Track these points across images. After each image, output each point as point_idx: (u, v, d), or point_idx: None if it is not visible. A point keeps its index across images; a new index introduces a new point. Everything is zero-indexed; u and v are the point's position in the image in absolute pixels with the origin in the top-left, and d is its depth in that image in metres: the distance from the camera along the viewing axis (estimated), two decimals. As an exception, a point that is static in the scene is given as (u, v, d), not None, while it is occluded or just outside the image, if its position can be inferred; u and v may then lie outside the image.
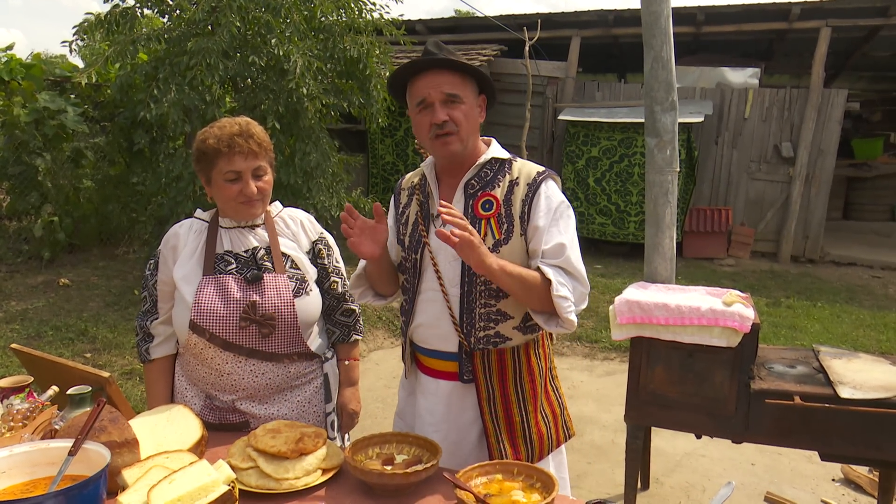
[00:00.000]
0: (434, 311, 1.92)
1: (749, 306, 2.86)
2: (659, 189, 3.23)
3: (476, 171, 1.90)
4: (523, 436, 1.94)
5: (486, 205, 1.86)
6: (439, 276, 1.90)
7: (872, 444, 2.67)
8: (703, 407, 2.91)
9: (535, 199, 1.84)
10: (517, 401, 1.95)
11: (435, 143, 1.84)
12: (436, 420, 1.97)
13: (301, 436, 1.75)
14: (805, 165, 9.46)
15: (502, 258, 1.78)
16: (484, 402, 1.92)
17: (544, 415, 2.00)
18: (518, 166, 1.92)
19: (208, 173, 2.04)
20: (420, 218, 1.96)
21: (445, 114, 1.79)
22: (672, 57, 3.20)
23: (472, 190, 1.89)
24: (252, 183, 2.02)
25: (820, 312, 7.08)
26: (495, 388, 1.92)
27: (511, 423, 1.94)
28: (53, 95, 6.27)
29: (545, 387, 2.03)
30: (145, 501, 1.41)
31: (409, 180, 2.09)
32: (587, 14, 10.23)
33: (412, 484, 1.64)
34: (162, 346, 2.17)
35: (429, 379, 2.01)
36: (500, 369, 1.92)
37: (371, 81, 6.40)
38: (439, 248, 1.90)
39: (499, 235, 1.83)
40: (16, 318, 5.25)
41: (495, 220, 1.84)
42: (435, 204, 1.92)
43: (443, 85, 1.80)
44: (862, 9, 9.17)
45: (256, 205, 2.06)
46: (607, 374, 5.33)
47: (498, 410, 1.92)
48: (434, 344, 1.96)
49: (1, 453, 1.53)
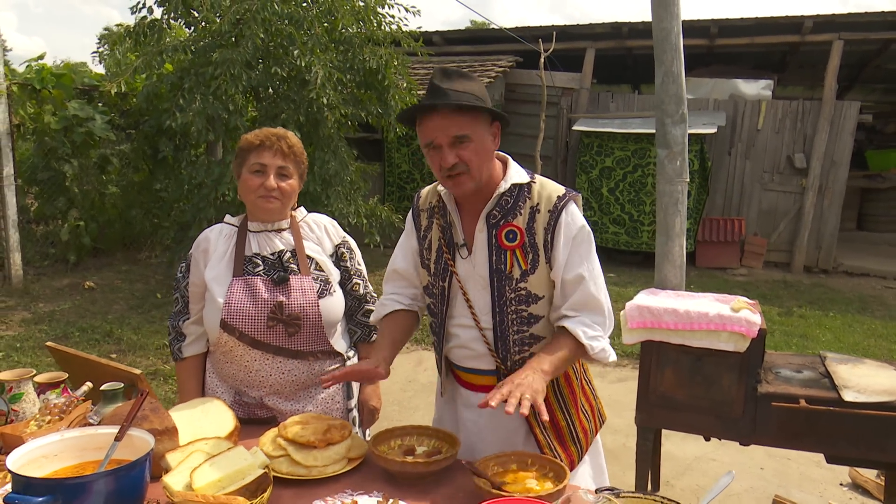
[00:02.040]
0: (467, 336, 1.96)
1: (756, 312, 2.94)
2: (669, 199, 3.33)
3: (496, 200, 1.89)
4: (571, 437, 2.01)
5: (509, 235, 1.87)
6: (470, 304, 1.93)
7: (877, 446, 2.74)
8: (712, 409, 2.99)
9: (556, 227, 1.85)
10: (560, 407, 2.00)
11: (447, 182, 1.85)
12: (480, 429, 2.00)
13: (328, 427, 1.87)
14: (818, 176, 9.50)
15: (530, 287, 1.85)
16: (531, 417, 1.88)
17: (584, 411, 2.07)
18: (538, 189, 1.90)
19: (240, 168, 2.17)
20: (444, 245, 1.96)
21: (454, 156, 1.77)
22: (682, 71, 3.31)
23: (493, 220, 1.89)
24: (274, 179, 2.12)
25: (832, 322, 7.12)
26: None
27: (559, 429, 1.99)
28: (82, 104, 6.47)
29: (581, 386, 2.09)
30: (188, 482, 1.53)
31: (427, 200, 2.07)
32: (602, 26, 10.35)
33: (433, 473, 1.75)
34: (193, 345, 2.28)
35: (469, 392, 2.03)
36: None
37: (389, 92, 6.54)
38: (468, 277, 1.92)
39: (525, 266, 1.86)
40: (44, 319, 5.42)
41: (521, 250, 1.86)
42: (458, 233, 1.94)
43: (449, 128, 1.76)
44: (874, 23, 9.23)
45: (274, 202, 2.14)
46: (619, 380, 5.42)
47: (546, 422, 1.96)
48: (470, 364, 2.00)
49: (53, 438, 1.66)
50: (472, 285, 1.92)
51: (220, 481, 1.53)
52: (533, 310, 1.90)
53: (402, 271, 2.11)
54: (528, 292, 1.88)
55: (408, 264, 2.10)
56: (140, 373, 2.43)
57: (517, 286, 1.87)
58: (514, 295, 1.88)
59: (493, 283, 1.89)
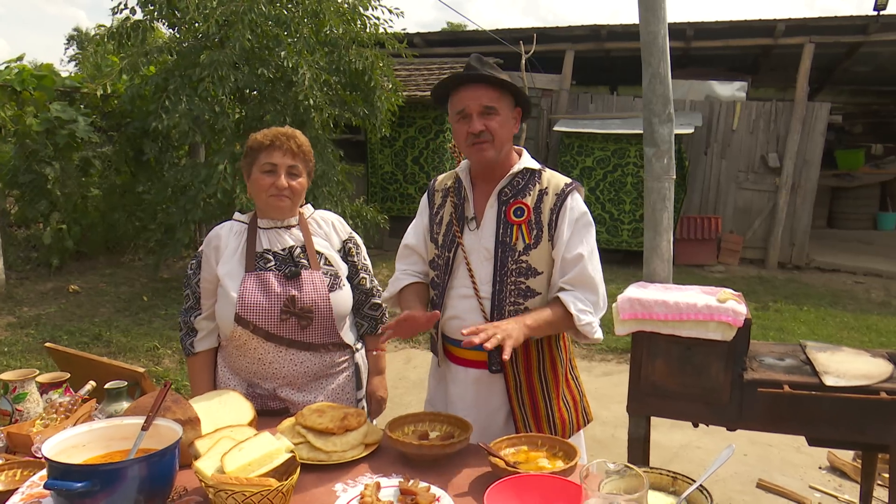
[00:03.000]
0: (465, 307, 2.09)
1: (741, 303, 3.07)
2: (657, 195, 3.45)
3: (509, 179, 2.07)
4: (547, 420, 2.13)
5: (517, 211, 2.04)
6: (472, 274, 2.07)
7: (855, 427, 2.89)
8: (701, 397, 3.11)
9: (562, 209, 2.03)
10: (541, 389, 2.13)
11: (471, 149, 2.02)
12: (466, 405, 2.13)
13: (345, 415, 1.94)
14: (791, 175, 9.75)
15: (531, 261, 2.00)
16: (512, 390, 2.09)
17: (566, 401, 2.19)
18: (547, 177, 2.10)
19: (250, 167, 2.24)
20: (454, 219, 2.13)
21: (482, 124, 1.97)
22: (668, 73, 3.43)
23: (504, 197, 2.07)
24: (284, 178, 2.20)
25: (806, 316, 7.34)
26: (522, 378, 2.10)
27: (536, 410, 2.12)
28: (65, 105, 6.44)
29: (566, 377, 2.21)
30: (219, 466, 1.59)
31: (443, 182, 2.25)
32: (581, 29, 10.53)
33: (447, 455, 1.83)
34: (205, 339, 2.34)
35: (458, 368, 2.16)
36: (526, 361, 2.10)
37: (376, 93, 6.61)
38: (472, 249, 2.08)
39: (529, 240, 2.02)
40: (30, 323, 5.40)
41: (526, 225, 2.03)
42: (470, 207, 2.11)
43: (481, 98, 1.97)
44: (843, 26, 9.53)
45: (285, 200, 2.22)
46: (605, 374, 5.55)
47: (524, 398, 2.10)
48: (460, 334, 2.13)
49: (82, 429, 1.71)
50: (476, 257, 2.07)
51: (250, 465, 1.59)
52: (531, 283, 2.04)
53: (413, 246, 2.27)
54: (528, 265, 2.02)
55: (418, 240, 2.26)
56: (144, 371, 2.48)
57: (519, 258, 2.02)
58: (516, 266, 2.02)
59: (496, 254, 2.04)
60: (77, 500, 1.47)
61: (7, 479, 1.82)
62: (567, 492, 1.53)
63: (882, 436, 2.90)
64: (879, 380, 2.88)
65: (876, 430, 2.88)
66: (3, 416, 2.34)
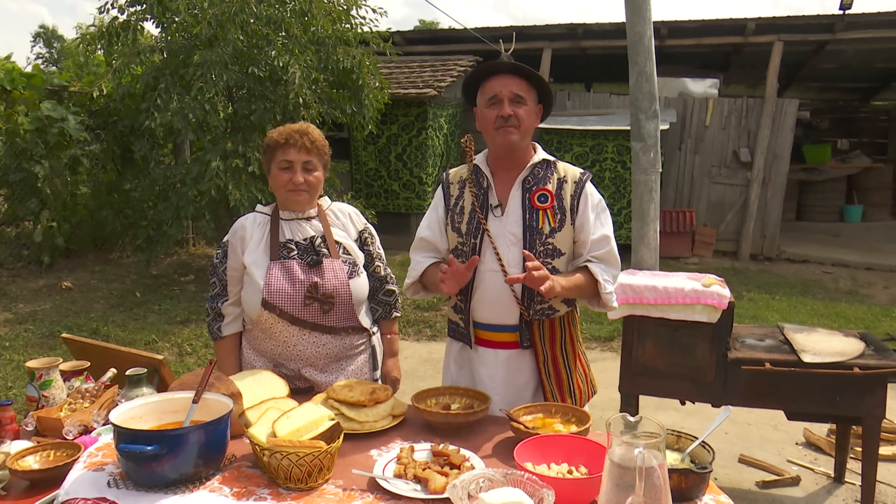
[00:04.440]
0: (495, 289, 2.23)
1: (725, 287, 3.30)
2: (644, 187, 3.67)
3: (531, 169, 2.27)
4: (569, 391, 2.34)
5: (541, 198, 2.23)
6: (499, 258, 2.22)
7: (830, 401, 3.14)
8: (688, 375, 3.34)
9: (581, 195, 2.25)
10: (563, 362, 2.33)
11: (498, 132, 2.19)
12: (496, 384, 2.28)
13: (373, 389, 2.11)
14: (761, 170, 10.09)
15: (556, 243, 2.20)
16: (541, 364, 2.29)
17: (580, 372, 2.39)
18: (562, 167, 2.30)
19: (269, 164, 2.39)
20: (477, 207, 2.27)
21: (512, 110, 2.16)
22: (654, 71, 3.65)
23: (528, 185, 2.25)
24: (300, 174, 2.35)
25: (778, 304, 7.66)
26: (548, 351, 2.30)
27: (560, 381, 2.32)
28: (55, 104, 6.47)
29: (580, 352, 2.42)
30: (270, 432, 1.75)
31: (457, 175, 2.40)
32: (558, 27, 10.75)
33: (470, 423, 2.01)
34: (231, 324, 2.48)
35: (488, 350, 2.31)
36: (551, 336, 2.30)
37: (363, 91, 6.74)
38: (499, 234, 2.24)
39: (554, 224, 2.21)
40: (27, 319, 5.45)
41: (551, 210, 2.22)
42: (493, 195, 2.28)
43: (512, 86, 2.17)
44: (811, 25, 9.88)
45: (302, 194, 2.37)
46: (591, 361, 5.76)
47: (551, 371, 2.30)
48: (493, 318, 2.28)
49: (138, 402, 1.86)
50: (502, 241, 2.24)
51: (298, 431, 1.75)
52: (555, 263, 2.24)
53: (429, 238, 2.42)
54: (553, 247, 2.23)
55: (433, 232, 2.41)
56: (162, 358, 2.62)
57: (546, 241, 2.22)
58: (543, 248, 2.22)
59: (525, 237, 2.22)
60: (145, 462, 1.62)
61: (42, 459, 1.94)
62: (585, 449, 1.72)
63: (855, 408, 3.16)
64: (852, 356, 3.13)
65: (849, 403, 3.14)
66: (31, 402, 2.45)
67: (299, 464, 1.62)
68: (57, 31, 38.75)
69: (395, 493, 1.61)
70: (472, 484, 1.48)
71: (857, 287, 8.76)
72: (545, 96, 2.28)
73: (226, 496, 1.61)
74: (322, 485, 1.67)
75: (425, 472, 1.67)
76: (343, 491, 1.65)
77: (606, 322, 6.29)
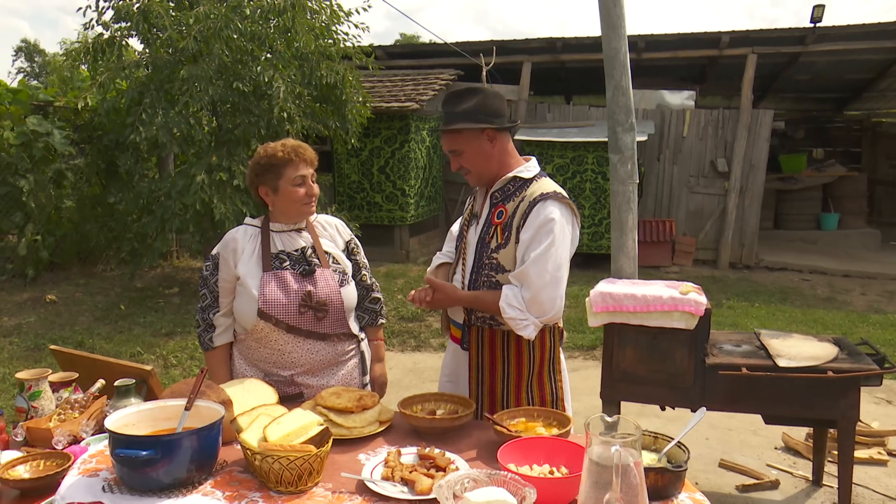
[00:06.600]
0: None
1: (702, 294, 3.40)
2: (622, 198, 3.77)
3: (501, 185, 2.35)
4: (502, 404, 2.36)
5: (500, 214, 2.33)
6: (464, 265, 2.39)
7: (806, 404, 3.23)
8: (667, 381, 3.42)
9: (530, 214, 2.22)
10: (502, 375, 2.37)
11: (466, 177, 2.40)
12: (448, 372, 2.55)
13: (360, 396, 2.16)
14: (739, 179, 10.28)
15: (500, 259, 2.29)
16: (473, 368, 2.40)
17: (530, 396, 2.37)
18: (535, 186, 2.28)
19: (276, 182, 2.43)
20: (468, 215, 2.48)
21: (457, 164, 2.34)
22: (630, 85, 3.76)
23: (495, 200, 2.36)
24: (312, 184, 2.46)
25: (757, 311, 7.80)
26: (485, 358, 2.38)
27: (493, 391, 2.39)
28: (40, 119, 6.49)
29: (539, 374, 2.38)
30: (261, 437, 1.80)
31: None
32: (537, 41, 10.93)
33: (455, 428, 2.08)
34: (223, 335, 2.53)
35: (450, 342, 2.54)
36: (491, 345, 2.37)
37: (347, 106, 6.82)
38: (469, 242, 2.40)
39: (500, 241, 2.29)
40: (11, 332, 5.44)
41: (501, 227, 2.30)
42: (478, 206, 2.44)
43: (446, 145, 2.34)
44: (784, 38, 10.12)
45: (314, 205, 2.50)
46: (573, 370, 5.84)
47: (484, 377, 2.39)
48: (454, 315, 2.48)
49: (131, 409, 1.91)
50: (469, 250, 2.40)
51: (289, 436, 1.80)
52: (499, 278, 2.31)
53: (453, 233, 2.63)
54: (497, 263, 2.31)
55: (455, 229, 2.63)
56: (151, 369, 2.65)
57: (491, 255, 2.32)
58: (488, 261, 2.32)
59: (477, 250, 2.37)
60: (139, 467, 1.67)
61: (32, 468, 1.96)
62: (566, 451, 1.79)
63: (830, 411, 3.26)
64: (826, 360, 3.23)
65: (824, 405, 3.24)
66: (20, 413, 2.47)
67: (290, 467, 1.68)
68: (39, 46, 38.52)
69: (384, 494, 1.67)
70: (457, 484, 1.54)
71: (835, 294, 8.93)
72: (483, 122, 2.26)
73: (218, 500, 1.66)
74: (312, 488, 1.72)
75: (412, 475, 1.73)
76: (332, 494, 1.70)
77: (589, 331, 6.37)
